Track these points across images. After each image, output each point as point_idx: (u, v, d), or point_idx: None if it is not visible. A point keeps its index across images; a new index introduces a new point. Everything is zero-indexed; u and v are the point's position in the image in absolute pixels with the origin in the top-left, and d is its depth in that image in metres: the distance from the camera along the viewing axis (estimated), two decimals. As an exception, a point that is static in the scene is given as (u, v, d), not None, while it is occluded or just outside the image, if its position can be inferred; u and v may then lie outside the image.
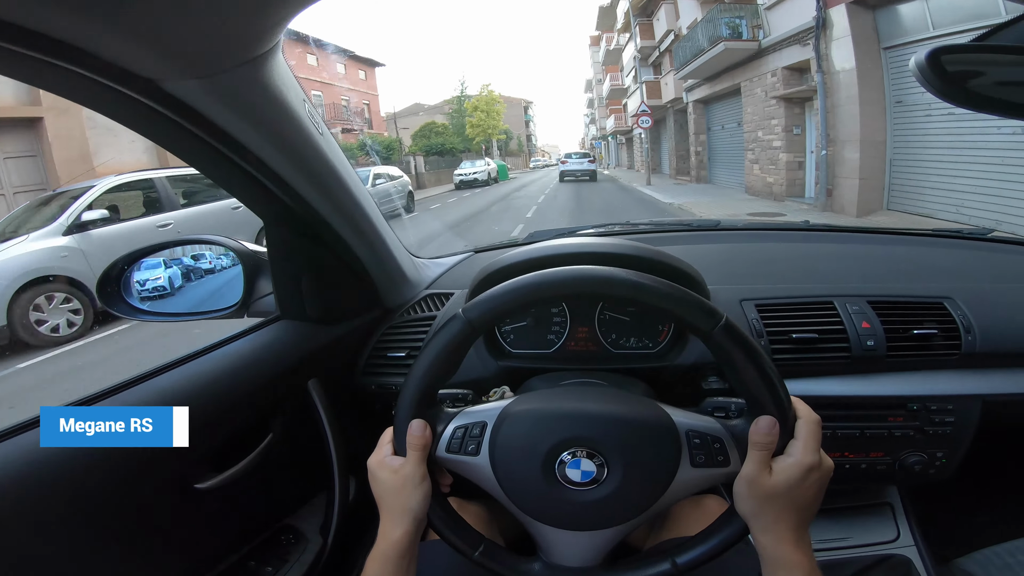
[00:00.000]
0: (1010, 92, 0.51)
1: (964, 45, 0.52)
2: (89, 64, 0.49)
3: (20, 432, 0.62)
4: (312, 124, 0.73)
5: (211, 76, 0.55)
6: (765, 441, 0.54)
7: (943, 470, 0.97)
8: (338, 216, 0.87)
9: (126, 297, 0.95)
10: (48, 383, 3.92)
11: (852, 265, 1.15)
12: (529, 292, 0.59)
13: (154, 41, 0.48)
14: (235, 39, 0.52)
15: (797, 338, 0.94)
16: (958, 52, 0.51)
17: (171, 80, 0.55)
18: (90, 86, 0.52)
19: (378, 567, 0.59)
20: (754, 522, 0.56)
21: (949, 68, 0.48)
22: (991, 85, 0.51)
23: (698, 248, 1.22)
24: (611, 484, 0.57)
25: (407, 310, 1.12)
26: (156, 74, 0.54)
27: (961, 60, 0.50)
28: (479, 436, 0.60)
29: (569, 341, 1.01)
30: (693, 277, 0.92)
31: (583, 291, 0.59)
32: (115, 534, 0.66)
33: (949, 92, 0.49)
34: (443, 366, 0.60)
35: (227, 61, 0.55)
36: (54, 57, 0.46)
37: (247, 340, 0.89)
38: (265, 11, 0.49)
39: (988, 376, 0.95)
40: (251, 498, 0.86)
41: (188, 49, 0.51)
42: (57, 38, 0.45)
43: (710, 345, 0.57)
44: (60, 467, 0.61)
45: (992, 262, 1.17)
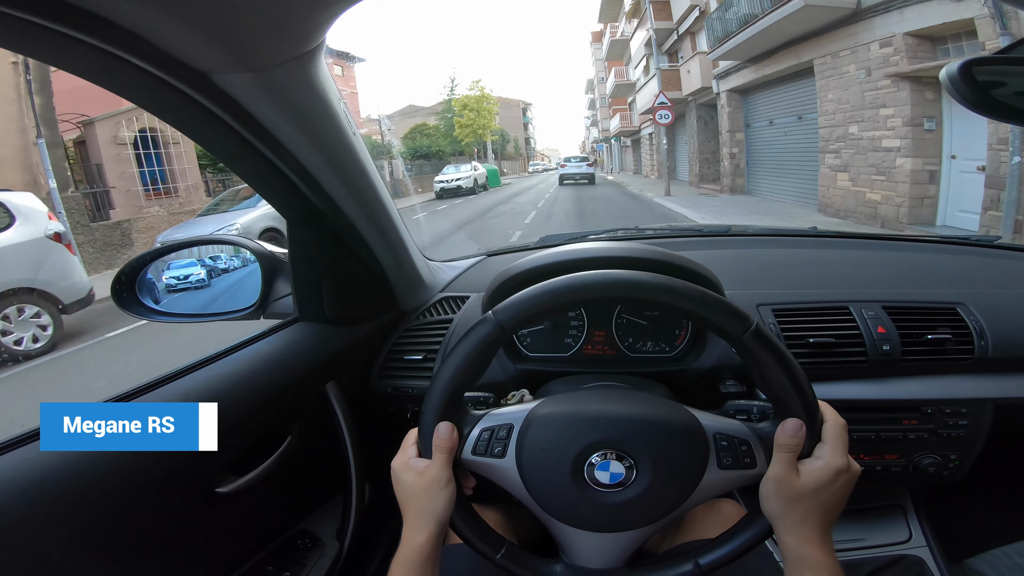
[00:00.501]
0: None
1: (993, 57, 0.54)
2: (145, 53, 0.49)
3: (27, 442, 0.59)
4: (348, 124, 0.73)
5: (263, 70, 0.56)
6: (792, 443, 0.55)
7: (956, 472, 0.98)
8: (364, 217, 0.87)
9: (141, 298, 0.94)
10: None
11: (864, 271, 1.16)
12: (562, 295, 0.59)
13: (214, 32, 0.49)
14: (288, 34, 0.53)
15: (814, 342, 0.95)
16: (987, 64, 0.52)
17: (223, 73, 0.55)
18: (139, 76, 0.52)
19: (403, 571, 0.59)
20: (780, 523, 0.56)
21: (979, 79, 0.49)
22: (1013, 95, 0.52)
23: (711, 253, 1.23)
24: (639, 486, 0.57)
25: (422, 313, 1.12)
26: (209, 66, 0.54)
27: (990, 71, 0.51)
28: (506, 438, 0.60)
29: (586, 345, 1.01)
30: (712, 281, 0.93)
31: (616, 295, 0.59)
32: (133, 544, 0.65)
33: (976, 101, 0.49)
34: (472, 368, 0.60)
35: (279, 56, 0.55)
36: (111, 45, 0.46)
37: (267, 341, 0.89)
38: (319, 6, 0.50)
39: (1000, 380, 0.96)
40: (270, 502, 0.85)
41: (244, 42, 0.51)
42: (120, 24, 0.45)
43: (740, 349, 0.57)
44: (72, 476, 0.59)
45: (1000, 268, 1.19)
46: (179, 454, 0.67)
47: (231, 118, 0.61)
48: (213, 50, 0.52)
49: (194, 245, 1.01)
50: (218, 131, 0.63)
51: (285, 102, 0.63)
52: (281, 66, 0.57)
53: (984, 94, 0.50)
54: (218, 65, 0.54)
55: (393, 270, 1.01)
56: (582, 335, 1.02)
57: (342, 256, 0.93)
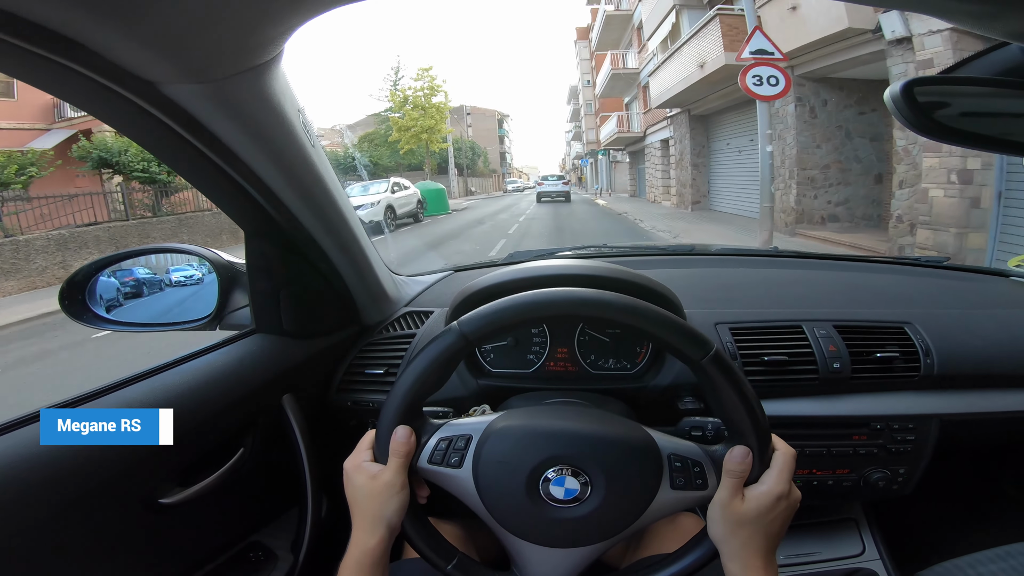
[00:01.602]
0: (971, 123, 0.52)
1: (935, 77, 0.53)
2: (91, 63, 0.48)
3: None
4: (306, 136, 0.73)
5: (212, 82, 0.55)
6: (739, 470, 0.57)
7: (905, 486, 1.01)
8: (323, 230, 0.86)
9: (91, 305, 0.92)
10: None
11: (819, 291, 1.20)
12: (526, 310, 0.60)
13: (160, 44, 0.48)
14: (240, 46, 0.52)
15: (769, 360, 0.98)
16: (929, 84, 0.51)
17: (171, 83, 0.54)
18: (88, 86, 0.50)
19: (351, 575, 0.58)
20: (724, 547, 0.57)
21: (920, 99, 0.49)
22: (956, 116, 0.51)
23: (673, 272, 1.25)
24: (593, 502, 0.58)
25: (386, 327, 1.11)
26: (157, 76, 0.53)
27: (931, 92, 0.51)
28: (463, 449, 0.60)
29: (549, 361, 1.02)
30: (671, 300, 0.94)
31: (579, 313, 0.60)
32: (71, 553, 0.63)
33: (919, 123, 0.49)
34: (433, 377, 0.60)
35: (230, 67, 0.54)
36: (57, 54, 0.45)
37: (220, 353, 0.87)
38: (273, 20, 0.49)
39: (945, 397, 1.00)
40: (219, 514, 0.83)
41: (193, 53, 0.51)
42: (62, 34, 0.44)
43: (697, 372, 0.58)
44: (6, 482, 0.57)
45: (947, 288, 1.24)
46: (120, 463, 0.65)
47: (182, 128, 0.60)
48: (158, 61, 0.51)
49: (150, 253, 0.98)
50: (170, 141, 0.62)
51: (238, 114, 0.62)
52: (233, 77, 0.56)
53: (925, 116, 0.49)
54: (165, 76, 0.53)
55: (355, 283, 1.01)
56: (545, 351, 1.02)
57: (302, 268, 0.92)
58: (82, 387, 0.71)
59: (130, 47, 0.48)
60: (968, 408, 1.00)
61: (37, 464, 0.60)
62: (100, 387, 0.72)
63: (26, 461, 0.59)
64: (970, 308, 1.13)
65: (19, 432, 0.62)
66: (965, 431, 1.02)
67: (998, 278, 1.32)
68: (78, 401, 0.68)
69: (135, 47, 0.48)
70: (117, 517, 0.67)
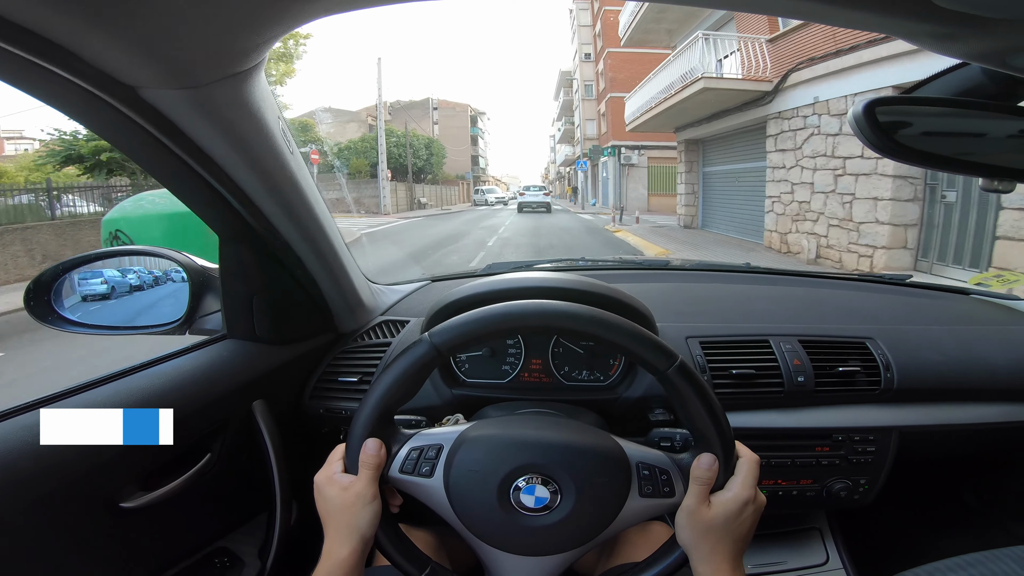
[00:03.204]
0: (931, 143, 0.53)
1: (896, 97, 0.53)
2: (70, 66, 0.48)
3: None
4: (284, 143, 0.73)
5: (193, 87, 0.55)
6: (705, 476, 0.58)
7: (866, 495, 1.04)
8: (299, 236, 0.86)
9: (56, 307, 0.90)
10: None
11: (786, 306, 1.24)
12: (496, 322, 0.61)
13: (144, 48, 0.48)
14: (223, 53, 0.52)
15: (736, 373, 1.00)
16: (890, 104, 0.52)
17: (151, 88, 0.55)
18: (67, 89, 0.50)
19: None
20: (693, 552, 0.59)
21: (881, 119, 0.49)
22: (916, 136, 0.52)
23: (647, 286, 1.28)
24: (562, 511, 0.59)
25: (361, 335, 1.11)
26: (138, 81, 0.53)
27: (892, 111, 0.51)
28: (434, 458, 0.61)
29: (523, 372, 1.03)
30: (644, 314, 0.96)
31: (549, 325, 0.61)
32: (30, 555, 0.61)
33: (880, 144, 0.50)
34: (403, 388, 0.61)
35: (211, 74, 0.55)
36: (37, 56, 0.45)
37: (189, 357, 0.86)
38: (258, 28, 0.50)
39: (904, 410, 1.04)
40: (184, 519, 0.82)
41: (175, 59, 0.51)
42: (43, 35, 0.44)
43: (664, 383, 0.60)
44: None
45: (909, 305, 1.29)
46: (82, 465, 0.64)
47: (160, 133, 0.60)
48: (140, 65, 0.51)
49: (121, 255, 0.96)
50: (147, 146, 0.62)
51: (217, 120, 0.62)
52: (213, 84, 0.56)
53: (886, 136, 0.49)
54: (145, 80, 0.53)
55: (331, 291, 1.00)
56: (519, 362, 1.03)
57: (276, 275, 0.91)
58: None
59: (113, 51, 0.48)
60: (927, 420, 1.03)
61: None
62: (65, 389, 0.71)
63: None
64: (930, 324, 1.18)
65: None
66: (924, 442, 1.06)
67: (959, 296, 1.38)
68: (42, 402, 0.67)
69: (118, 51, 0.48)
70: (77, 520, 0.66)
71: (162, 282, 0.98)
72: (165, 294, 0.96)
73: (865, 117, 0.49)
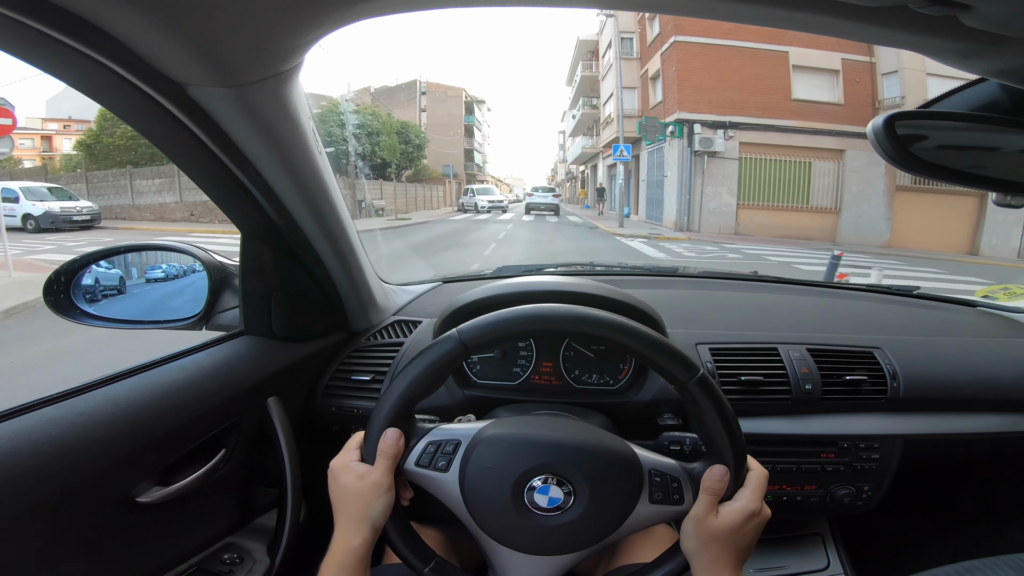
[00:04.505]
0: (947, 157, 0.53)
1: (915, 111, 0.54)
2: (123, 60, 0.49)
3: None
4: (315, 143, 0.74)
5: (237, 86, 0.56)
6: (716, 487, 0.59)
7: (869, 502, 1.05)
8: (322, 236, 0.88)
9: (75, 300, 0.91)
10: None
11: (794, 315, 1.25)
12: (523, 323, 0.62)
13: (194, 46, 0.49)
14: (268, 52, 0.54)
15: (745, 380, 1.02)
16: (910, 117, 0.52)
17: (198, 86, 0.56)
18: (115, 83, 0.52)
19: (334, 574, 0.58)
20: (695, 561, 0.60)
21: (900, 132, 0.50)
22: (932, 150, 0.52)
23: (658, 292, 1.29)
24: (574, 512, 0.60)
25: (373, 335, 1.12)
26: (186, 78, 0.55)
27: (911, 125, 0.52)
28: (451, 454, 0.62)
29: (534, 375, 1.04)
30: (656, 320, 0.97)
31: (576, 329, 0.62)
32: (42, 549, 0.62)
33: (898, 157, 0.50)
34: (428, 382, 0.62)
35: (256, 73, 0.56)
36: (90, 48, 0.46)
37: (208, 353, 0.87)
38: (306, 27, 0.51)
39: (909, 418, 1.05)
40: (196, 514, 0.83)
41: (224, 58, 0.52)
42: (100, 27, 0.45)
43: (682, 392, 0.61)
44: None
45: (916, 316, 1.30)
46: (100, 460, 0.65)
47: (200, 130, 0.62)
48: (191, 63, 0.52)
49: (141, 250, 0.97)
50: (185, 141, 0.63)
51: (256, 118, 0.63)
52: (256, 83, 0.58)
53: (904, 149, 0.50)
54: (194, 78, 0.55)
55: (346, 290, 1.02)
56: (530, 365, 1.04)
57: (295, 273, 0.93)
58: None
59: (166, 47, 0.49)
60: (931, 429, 1.04)
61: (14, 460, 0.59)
62: (86, 383, 0.72)
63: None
64: (936, 335, 1.19)
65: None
66: (928, 450, 1.07)
67: (965, 307, 1.39)
68: (64, 396, 0.68)
69: (171, 48, 0.49)
70: (93, 514, 0.67)
71: (181, 277, 0.99)
72: (183, 289, 0.97)
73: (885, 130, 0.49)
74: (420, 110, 33.49)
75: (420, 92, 33.97)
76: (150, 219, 14.38)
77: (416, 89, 33.81)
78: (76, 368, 3.23)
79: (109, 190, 15.06)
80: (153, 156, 14.59)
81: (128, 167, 15.01)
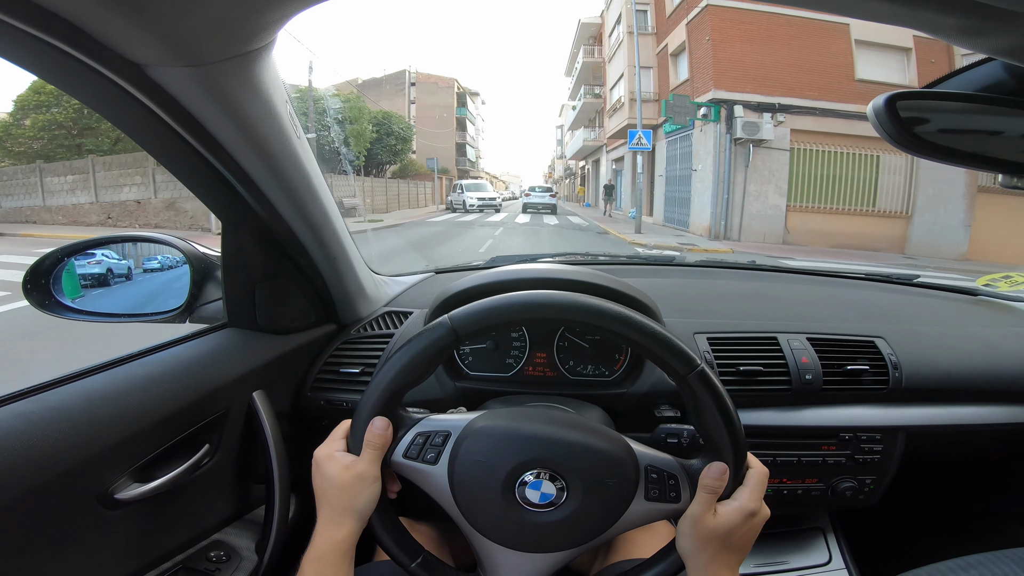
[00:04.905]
0: (950, 139, 0.52)
1: (917, 91, 0.53)
2: (77, 43, 0.46)
3: None
4: (292, 127, 0.71)
5: (201, 66, 0.53)
6: (715, 485, 0.57)
7: (871, 495, 1.03)
8: (304, 224, 0.85)
9: (55, 294, 0.89)
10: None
11: (794, 304, 1.23)
12: (516, 310, 0.60)
13: (152, 25, 0.47)
14: (233, 31, 0.51)
15: (744, 370, 0.99)
16: (912, 98, 0.51)
17: (158, 66, 0.53)
18: (71, 66, 0.49)
19: (316, 568, 0.57)
20: (691, 561, 0.58)
21: (902, 114, 0.49)
22: (935, 132, 0.51)
23: (653, 281, 1.27)
24: (567, 509, 0.58)
25: (363, 326, 1.10)
26: (145, 59, 0.52)
27: (913, 107, 0.51)
28: (440, 446, 0.60)
29: (527, 366, 1.02)
30: (652, 309, 0.95)
31: (572, 318, 0.60)
32: (16, 548, 0.60)
33: (899, 138, 0.49)
34: (417, 369, 0.60)
35: (220, 52, 0.53)
36: (42, 31, 0.44)
37: (189, 346, 0.85)
38: (269, 6, 0.48)
39: (911, 409, 1.03)
40: (179, 511, 0.81)
41: (184, 36, 0.49)
42: (50, 10, 0.43)
43: (682, 386, 0.59)
44: None
45: (917, 305, 1.28)
46: (76, 455, 0.63)
47: (166, 114, 0.59)
48: (147, 42, 0.49)
49: (121, 242, 0.95)
50: (152, 127, 0.60)
51: (225, 100, 0.60)
52: (223, 62, 0.55)
53: (906, 130, 0.49)
54: (153, 58, 0.52)
55: (334, 281, 0.99)
56: (524, 356, 1.02)
57: (280, 263, 0.90)
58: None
59: (119, 26, 0.46)
60: (933, 420, 1.03)
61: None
62: (58, 377, 0.69)
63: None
64: (938, 324, 1.17)
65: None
66: (930, 442, 1.05)
67: (967, 296, 1.37)
68: (34, 391, 0.66)
69: (124, 26, 0.46)
70: (70, 512, 0.64)
71: (163, 269, 0.97)
72: (166, 282, 0.95)
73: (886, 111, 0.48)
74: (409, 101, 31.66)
75: (409, 83, 32.07)
76: (62, 222, 12.51)
77: (405, 79, 31.75)
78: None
79: (17, 189, 13.30)
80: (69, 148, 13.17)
81: (39, 162, 13.24)
